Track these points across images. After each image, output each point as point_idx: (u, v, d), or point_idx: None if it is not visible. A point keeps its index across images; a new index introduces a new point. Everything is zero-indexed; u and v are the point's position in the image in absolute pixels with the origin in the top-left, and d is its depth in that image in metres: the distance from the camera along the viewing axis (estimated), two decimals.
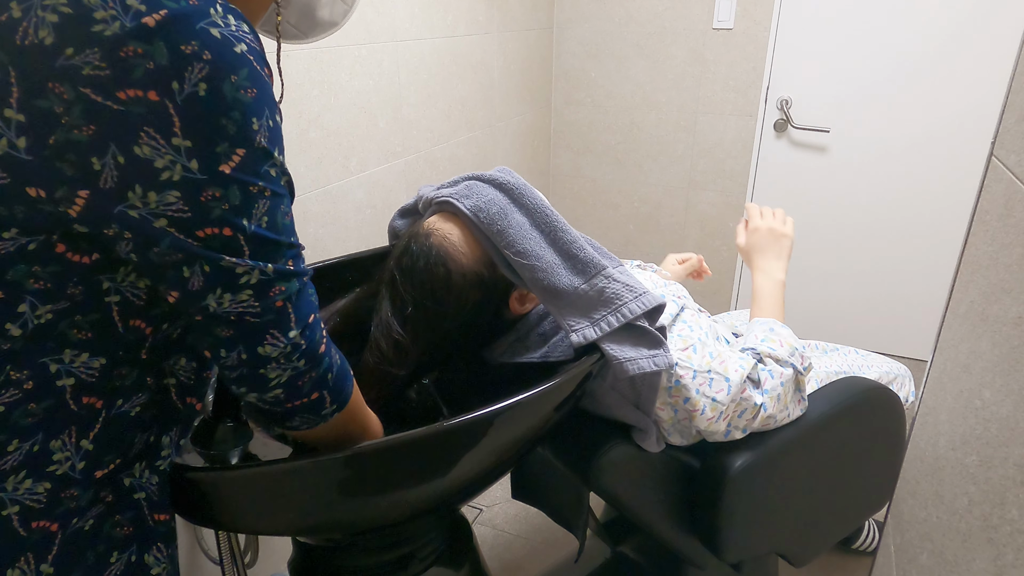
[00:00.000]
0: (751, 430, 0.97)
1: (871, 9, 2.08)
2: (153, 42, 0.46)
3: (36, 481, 0.55)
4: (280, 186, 0.55)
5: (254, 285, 0.54)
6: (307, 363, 0.59)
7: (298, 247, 0.58)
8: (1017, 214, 0.53)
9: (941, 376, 0.70)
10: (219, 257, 0.52)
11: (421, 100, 1.72)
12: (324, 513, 0.73)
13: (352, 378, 0.66)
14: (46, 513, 0.56)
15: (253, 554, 1.19)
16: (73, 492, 0.57)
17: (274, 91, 0.55)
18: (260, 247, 0.54)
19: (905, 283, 2.34)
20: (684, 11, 2.26)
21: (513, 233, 0.81)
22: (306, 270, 0.59)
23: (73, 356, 0.55)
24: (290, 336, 0.57)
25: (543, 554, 1.66)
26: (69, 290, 0.53)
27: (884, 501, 1.22)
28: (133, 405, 0.60)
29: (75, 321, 0.54)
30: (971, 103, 2.06)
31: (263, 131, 0.52)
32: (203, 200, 0.50)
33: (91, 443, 0.58)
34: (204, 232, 0.51)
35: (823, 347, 1.40)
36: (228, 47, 0.49)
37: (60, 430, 0.56)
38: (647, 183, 2.54)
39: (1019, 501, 0.46)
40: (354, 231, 1.54)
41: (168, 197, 0.49)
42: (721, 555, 1.02)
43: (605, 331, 0.79)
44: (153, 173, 0.48)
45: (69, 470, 0.57)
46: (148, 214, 0.50)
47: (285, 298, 0.56)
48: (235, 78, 0.49)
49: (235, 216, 0.52)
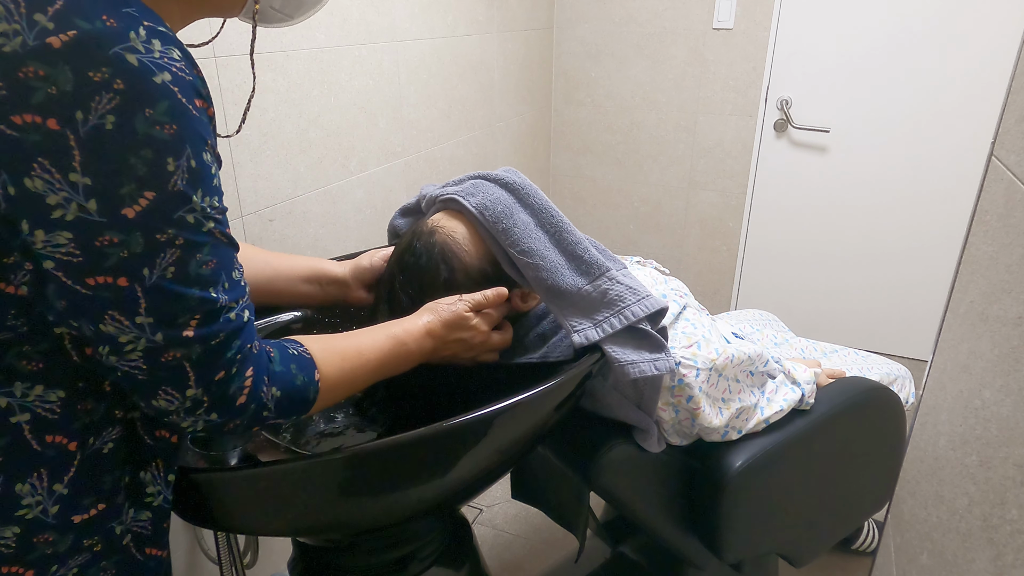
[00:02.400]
0: (746, 431, 0.98)
1: (871, 9, 2.07)
2: (57, 65, 0.42)
3: (3, 524, 0.52)
4: (200, 234, 0.49)
5: (141, 351, 0.49)
6: (222, 415, 0.54)
7: (214, 301, 0.51)
8: (1017, 214, 0.53)
9: (941, 376, 0.70)
10: (100, 319, 0.47)
11: (421, 100, 1.72)
12: (324, 513, 0.73)
13: (311, 382, 0.61)
14: (16, 559, 0.53)
15: (253, 554, 1.19)
16: (47, 537, 0.54)
17: (209, 124, 0.50)
18: (160, 300, 0.48)
19: (905, 283, 2.34)
20: (684, 11, 2.26)
21: (518, 232, 0.81)
22: (217, 331, 0.51)
23: (25, 389, 0.51)
24: (187, 394, 0.52)
25: (543, 554, 1.66)
26: (9, 322, 0.49)
27: (884, 501, 1.22)
28: (105, 441, 0.56)
29: (23, 351, 0.50)
30: (971, 103, 2.06)
31: (181, 172, 0.47)
32: (98, 245, 0.45)
33: (65, 487, 0.54)
34: (95, 280, 0.46)
35: (823, 349, 1.40)
36: (146, 76, 0.44)
37: (26, 472, 0.52)
38: (647, 183, 2.54)
39: (1019, 501, 0.46)
40: (354, 231, 1.54)
41: (59, 238, 0.45)
42: (721, 555, 1.02)
43: (607, 332, 0.79)
44: (44, 210, 0.44)
45: (41, 514, 0.53)
46: (36, 253, 0.46)
47: (182, 360, 0.51)
48: (151, 112, 0.44)
49: (134, 265, 0.47)
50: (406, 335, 0.74)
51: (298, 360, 0.61)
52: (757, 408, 0.98)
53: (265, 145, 1.26)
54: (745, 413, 0.97)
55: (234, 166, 1.20)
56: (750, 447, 0.98)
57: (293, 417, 0.61)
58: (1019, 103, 0.57)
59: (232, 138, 1.17)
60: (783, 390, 1.01)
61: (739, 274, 2.54)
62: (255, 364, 0.56)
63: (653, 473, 1.01)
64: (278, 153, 1.29)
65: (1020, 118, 0.56)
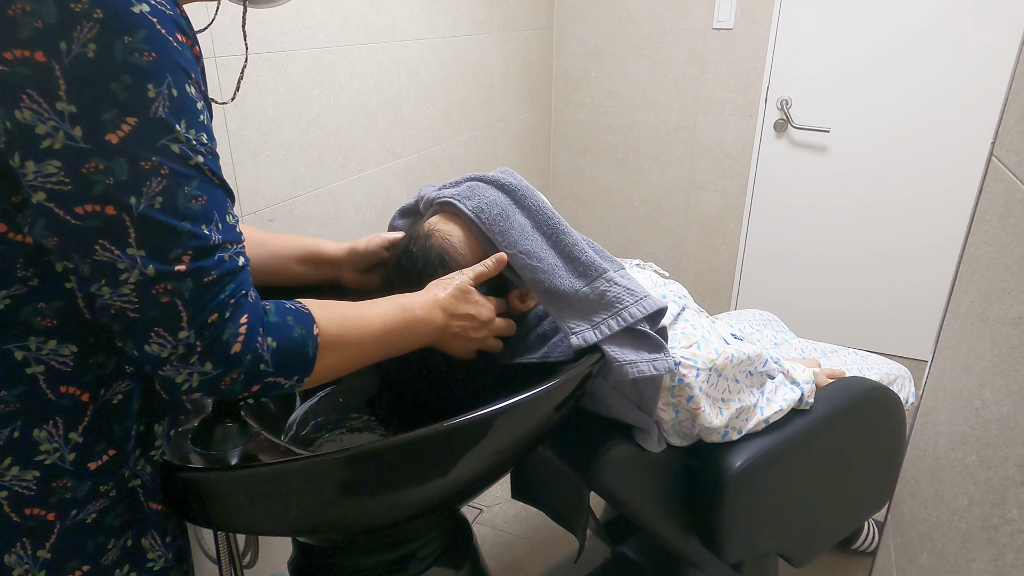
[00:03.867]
0: (746, 431, 0.98)
1: (871, 9, 2.08)
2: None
3: (24, 468, 0.55)
4: (187, 167, 0.50)
5: (134, 283, 0.50)
6: (216, 366, 0.54)
7: (206, 238, 0.52)
8: (1017, 214, 0.52)
9: (941, 376, 0.70)
10: (91, 250, 0.48)
11: (421, 100, 1.72)
12: (324, 513, 0.73)
13: (309, 335, 0.60)
14: (38, 501, 0.56)
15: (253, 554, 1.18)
16: (66, 482, 0.57)
17: (196, 63, 0.51)
18: (149, 231, 0.49)
19: (905, 283, 2.34)
20: (684, 11, 2.26)
21: (515, 235, 0.81)
22: (209, 268, 0.52)
23: (39, 343, 0.53)
24: (179, 337, 0.52)
25: (543, 554, 1.66)
26: (19, 273, 0.51)
27: (884, 501, 1.22)
28: (115, 393, 0.59)
29: (38, 308, 0.53)
30: (971, 103, 2.06)
31: (162, 100, 0.48)
32: (85, 172, 0.47)
33: (80, 435, 0.57)
34: (83, 209, 0.47)
35: (823, 349, 1.40)
36: (124, 6, 0.46)
37: (42, 420, 0.55)
38: (647, 183, 2.54)
39: (1019, 501, 0.46)
40: (354, 231, 1.54)
41: (48, 167, 0.46)
42: (721, 555, 1.02)
43: (605, 334, 0.79)
44: (33, 140, 0.45)
45: (58, 460, 0.56)
46: (27, 187, 0.47)
47: (174, 296, 0.51)
48: (128, 39, 0.46)
49: (120, 192, 0.48)
50: (412, 302, 0.73)
51: (295, 313, 0.60)
52: (757, 408, 0.98)
53: (265, 145, 1.26)
54: (745, 413, 0.97)
55: (234, 166, 1.20)
56: (750, 447, 0.98)
57: (295, 378, 0.59)
58: (1019, 103, 0.57)
59: (232, 138, 1.18)
60: (782, 390, 1.02)
61: (739, 274, 2.54)
62: (250, 312, 0.55)
63: (653, 473, 1.01)
64: (278, 153, 1.29)
65: (1020, 118, 0.56)
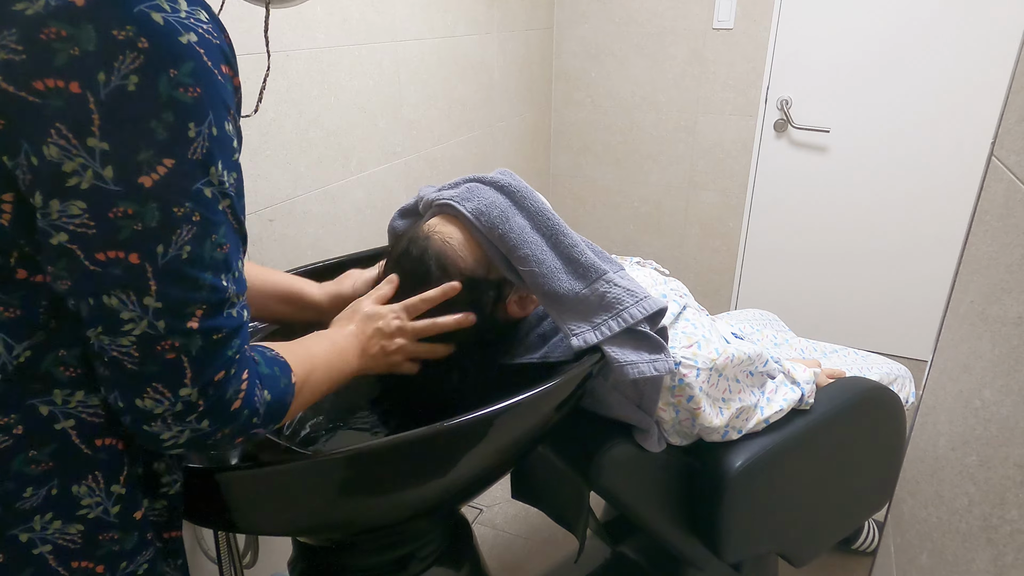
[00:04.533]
0: (746, 431, 0.98)
1: (871, 9, 2.07)
2: (81, 24, 0.40)
3: (67, 523, 0.51)
4: (217, 212, 0.47)
5: (136, 336, 0.46)
6: (213, 423, 0.50)
7: (223, 290, 0.48)
8: (1017, 214, 0.53)
9: (941, 376, 0.70)
10: (105, 294, 0.44)
11: (421, 100, 1.72)
12: (324, 513, 0.73)
13: (290, 385, 0.58)
14: (84, 554, 0.52)
15: (253, 554, 1.19)
16: (112, 535, 0.53)
17: (234, 94, 0.48)
18: (171, 283, 0.45)
19: (905, 283, 2.34)
20: (684, 11, 2.26)
21: (514, 237, 0.81)
22: (220, 326, 0.48)
23: (66, 396, 0.50)
24: (181, 394, 0.47)
25: (543, 554, 1.66)
26: (41, 317, 0.48)
27: (884, 501, 1.22)
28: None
29: (59, 357, 0.49)
30: (971, 103, 2.06)
31: (202, 141, 0.44)
32: (111, 217, 0.43)
33: (123, 487, 0.53)
34: (106, 255, 0.43)
35: (823, 349, 1.40)
36: (171, 36, 0.42)
37: (80, 475, 0.51)
38: (647, 183, 2.54)
39: (1019, 501, 0.46)
40: (354, 231, 1.54)
41: (73, 208, 0.42)
42: (721, 555, 1.02)
43: (606, 335, 0.79)
44: (59, 178, 0.41)
45: (102, 514, 0.52)
46: (48, 226, 0.43)
47: (180, 352, 0.47)
48: (175, 73, 0.42)
49: (148, 240, 0.44)
50: (334, 335, 0.73)
51: (278, 363, 0.58)
52: (757, 408, 0.98)
53: (265, 145, 1.26)
54: (745, 413, 0.97)
55: None
56: (750, 447, 0.98)
57: (271, 427, 0.57)
58: (1019, 103, 0.57)
59: None
60: (783, 390, 1.02)
61: (739, 274, 2.54)
62: (249, 367, 0.53)
63: (653, 473, 1.01)
64: (278, 153, 1.29)
65: (1020, 118, 0.56)
